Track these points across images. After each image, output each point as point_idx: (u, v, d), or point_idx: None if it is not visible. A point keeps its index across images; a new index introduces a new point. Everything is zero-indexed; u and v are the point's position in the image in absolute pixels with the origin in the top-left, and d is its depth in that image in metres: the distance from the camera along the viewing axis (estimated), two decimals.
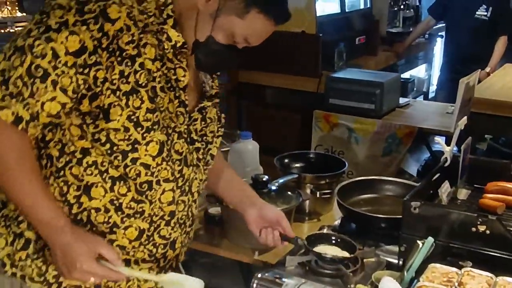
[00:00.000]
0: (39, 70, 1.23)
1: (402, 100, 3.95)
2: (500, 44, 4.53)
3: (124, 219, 1.40)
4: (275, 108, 4.25)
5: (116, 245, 1.41)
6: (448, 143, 2.00)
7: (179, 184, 1.46)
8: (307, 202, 2.18)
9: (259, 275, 1.68)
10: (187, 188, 1.49)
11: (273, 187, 2.08)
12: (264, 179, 2.07)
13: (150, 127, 1.35)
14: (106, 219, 1.39)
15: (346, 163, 2.30)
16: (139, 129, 1.34)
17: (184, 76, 1.41)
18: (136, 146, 1.35)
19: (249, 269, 1.97)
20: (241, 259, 2.01)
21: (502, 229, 1.56)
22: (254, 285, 1.67)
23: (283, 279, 1.67)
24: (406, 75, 5.45)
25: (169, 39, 1.37)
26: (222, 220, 2.09)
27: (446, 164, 1.93)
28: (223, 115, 1.64)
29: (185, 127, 1.45)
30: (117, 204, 1.38)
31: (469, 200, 1.89)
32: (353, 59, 4.36)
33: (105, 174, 1.36)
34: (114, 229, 1.40)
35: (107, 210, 1.38)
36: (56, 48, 1.23)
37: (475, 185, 1.99)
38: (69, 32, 1.23)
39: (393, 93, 3.81)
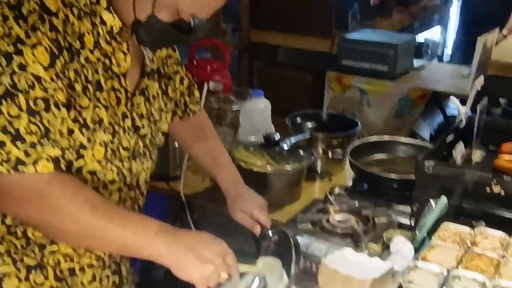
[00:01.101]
0: (38, 102, 1.12)
1: (416, 63, 3.90)
2: None
3: None
4: (287, 69, 4.21)
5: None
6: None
7: (127, 182, 1.35)
8: (319, 162, 2.17)
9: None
10: (134, 183, 1.38)
11: (285, 146, 2.06)
12: (276, 137, 2.05)
13: (97, 127, 1.23)
14: None
15: (359, 123, 2.27)
16: (84, 131, 1.21)
17: (125, 60, 1.28)
18: (82, 153, 1.22)
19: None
20: None
21: None
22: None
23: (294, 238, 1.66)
24: (420, 37, 5.37)
25: (103, 22, 1.23)
26: None
27: (461, 126, 1.90)
28: (172, 86, 1.53)
29: (129, 117, 1.32)
30: None
31: (484, 161, 1.87)
32: (367, 21, 4.30)
33: None
34: None
35: None
36: (34, 71, 1.11)
37: (490, 148, 1.96)
38: (31, 47, 1.11)
39: (407, 55, 3.76)
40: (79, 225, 1.15)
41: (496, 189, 1.56)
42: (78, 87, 1.19)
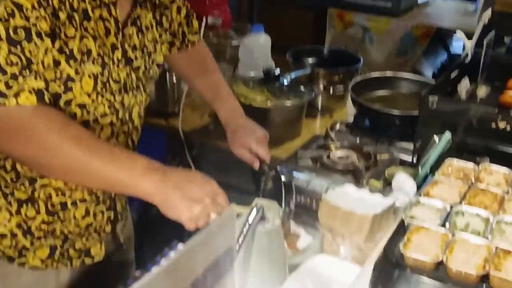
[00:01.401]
0: (19, 31, 1.06)
1: None
2: None
3: None
4: (288, 5, 4.11)
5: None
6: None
7: (120, 116, 1.30)
8: (320, 97, 2.13)
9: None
10: (127, 117, 1.33)
11: (285, 81, 2.01)
12: (276, 72, 2.00)
13: (85, 58, 1.18)
14: None
15: (361, 59, 2.22)
16: (72, 62, 1.16)
17: None
18: (70, 85, 1.17)
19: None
20: None
21: None
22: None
23: (294, 173, 1.64)
24: None
25: None
26: None
27: (467, 60, 1.85)
28: (168, 16, 1.46)
29: (120, 48, 1.27)
30: None
31: (490, 97, 1.82)
32: None
33: None
34: None
35: None
36: None
37: (495, 84, 1.91)
38: None
39: None
40: (63, 160, 1.11)
41: (502, 124, 1.53)
42: (62, 15, 1.13)
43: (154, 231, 2.14)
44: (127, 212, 1.57)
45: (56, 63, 1.14)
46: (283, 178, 1.42)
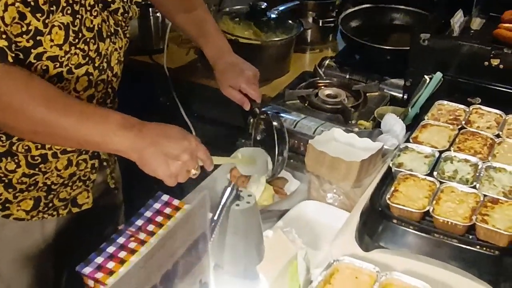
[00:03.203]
0: None
1: None
2: None
3: None
4: None
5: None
6: None
7: (96, 64, 1.23)
8: (309, 31, 2.06)
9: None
10: (105, 65, 1.26)
11: (273, 15, 1.94)
12: (262, 6, 1.93)
13: (53, 9, 1.10)
14: None
15: None
16: (38, 15, 1.08)
17: None
18: (38, 38, 1.10)
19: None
20: None
21: None
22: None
23: (282, 114, 1.60)
24: None
25: None
26: None
27: None
28: None
29: None
30: None
31: (483, 30, 1.76)
32: None
33: None
34: None
35: None
36: None
37: (490, 14, 1.84)
38: None
39: None
40: (30, 121, 1.07)
41: (495, 62, 1.48)
42: None
43: (143, 173, 2.12)
44: (114, 157, 1.54)
45: (22, 17, 1.07)
46: (275, 123, 1.38)
